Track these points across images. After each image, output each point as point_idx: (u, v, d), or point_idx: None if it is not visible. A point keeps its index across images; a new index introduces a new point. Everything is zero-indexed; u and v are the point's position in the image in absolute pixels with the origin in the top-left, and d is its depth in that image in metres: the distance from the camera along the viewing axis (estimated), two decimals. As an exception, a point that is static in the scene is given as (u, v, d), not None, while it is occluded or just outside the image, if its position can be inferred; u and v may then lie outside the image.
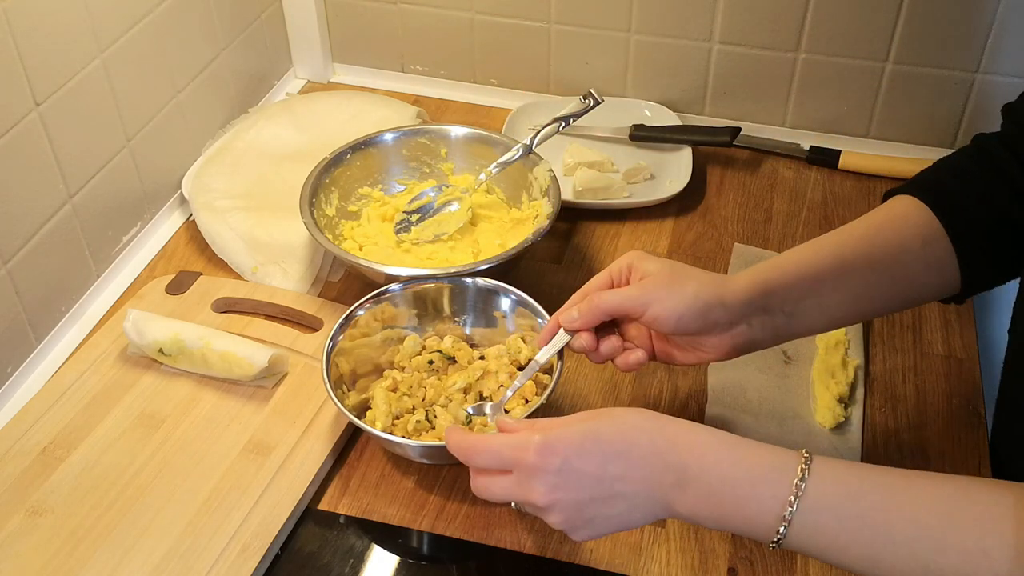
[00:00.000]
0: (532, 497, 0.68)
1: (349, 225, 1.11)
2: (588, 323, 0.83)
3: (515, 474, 0.69)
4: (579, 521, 0.69)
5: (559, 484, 0.68)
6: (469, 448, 0.72)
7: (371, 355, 0.94)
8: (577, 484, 0.68)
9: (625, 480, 0.68)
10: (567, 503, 0.68)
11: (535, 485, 0.68)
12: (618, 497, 0.68)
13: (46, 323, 1.02)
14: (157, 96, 1.14)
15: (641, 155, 1.26)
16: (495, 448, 0.70)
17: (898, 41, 1.21)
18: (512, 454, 0.69)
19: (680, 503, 0.68)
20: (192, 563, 0.80)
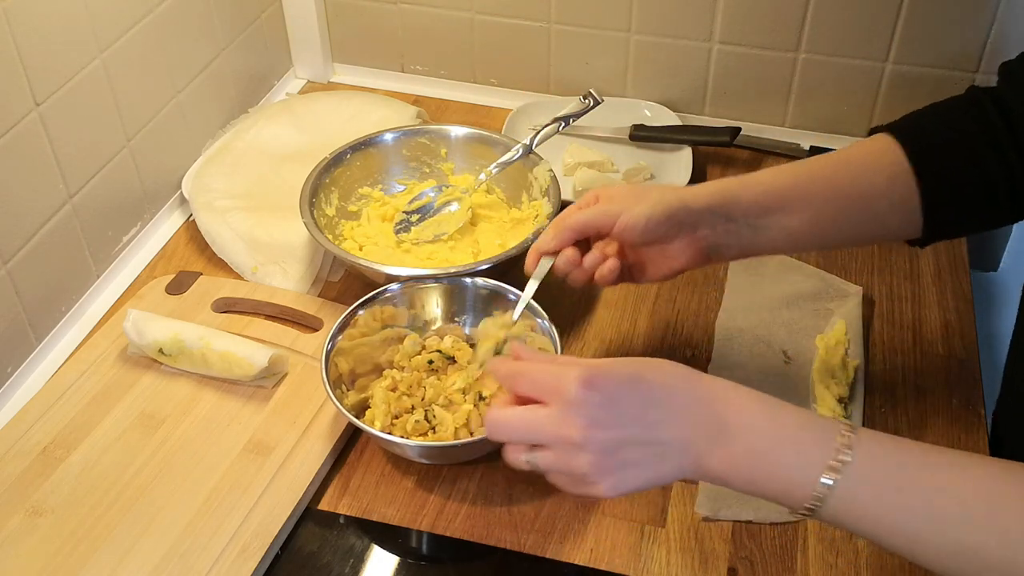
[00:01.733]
0: (567, 431, 0.65)
1: (349, 225, 1.11)
2: (563, 241, 0.85)
3: (553, 406, 0.66)
4: (609, 464, 0.66)
5: (598, 419, 0.65)
6: (514, 371, 0.70)
7: (371, 355, 0.95)
8: (617, 422, 0.66)
9: (664, 425, 0.66)
10: (603, 441, 0.65)
11: (573, 418, 0.65)
12: (653, 444, 0.66)
13: (46, 323, 1.02)
14: (157, 96, 1.14)
15: (641, 155, 1.26)
16: (538, 374, 0.68)
17: (898, 41, 1.21)
18: (555, 383, 0.67)
19: (713, 459, 0.66)
20: (192, 563, 0.80)
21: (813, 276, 1.09)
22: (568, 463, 0.66)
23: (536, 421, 0.67)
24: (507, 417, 0.68)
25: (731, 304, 1.06)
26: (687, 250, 0.84)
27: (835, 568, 0.82)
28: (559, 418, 0.66)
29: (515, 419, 0.68)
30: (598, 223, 0.84)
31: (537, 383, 0.68)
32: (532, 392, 0.68)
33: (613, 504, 0.87)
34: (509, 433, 0.68)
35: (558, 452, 0.66)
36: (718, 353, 1.01)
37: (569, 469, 0.67)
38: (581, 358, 0.71)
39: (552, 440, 0.66)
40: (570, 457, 0.66)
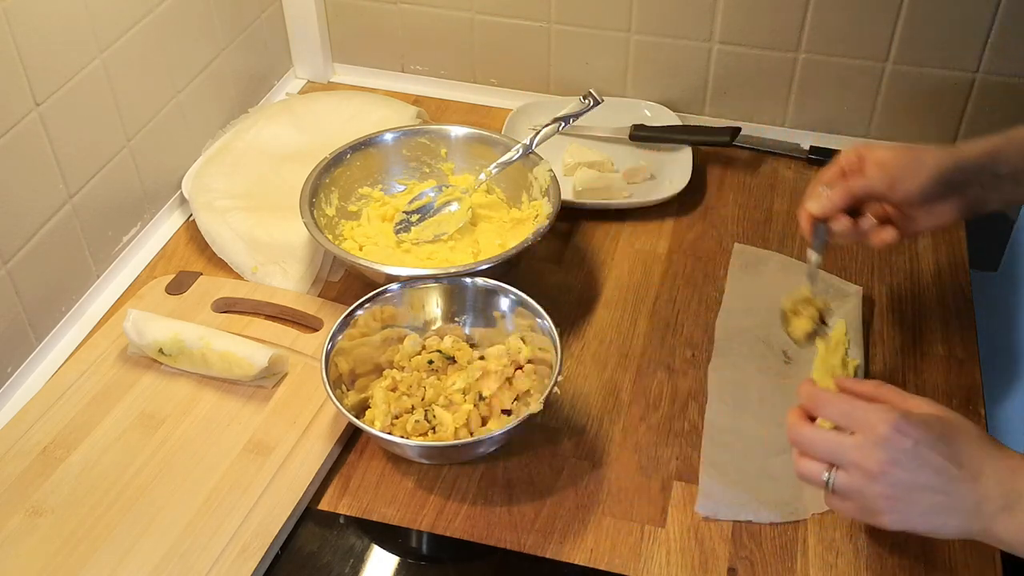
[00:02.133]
0: (867, 462, 0.71)
1: (349, 225, 1.11)
2: (837, 207, 0.89)
3: (859, 436, 0.72)
4: (900, 502, 0.71)
5: (901, 462, 0.70)
6: (821, 398, 0.76)
7: (371, 355, 0.94)
8: (918, 468, 0.70)
9: (961, 483, 0.71)
10: (899, 480, 0.70)
11: (877, 453, 0.70)
12: (948, 495, 0.71)
13: (46, 323, 1.02)
14: (157, 96, 1.14)
15: (641, 155, 1.26)
16: (849, 406, 0.74)
17: (898, 41, 1.21)
18: (866, 418, 0.72)
19: (1004, 526, 0.70)
20: (192, 563, 0.80)
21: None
22: (861, 490, 0.72)
23: (843, 445, 0.73)
24: (816, 433, 0.75)
25: (731, 304, 1.06)
26: (955, 206, 0.88)
27: (835, 568, 0.82)
28: (863, 448, 0.71)
29: (823, 437, 0.74)
30: (878, 190, 0.88)
31: (847, 413, 0.74)
32: (839, 419, 0.74)
33: (613, 504, 0.87)
34: (814, 447, 0.74)
35: (855, 477, 0.72)
36: (718, 353, 1.01)
37: (861, 496, 0.72)
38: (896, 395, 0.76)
39: (852, 465, 0.72)
40: (864, 485, 0.71)
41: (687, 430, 0.94)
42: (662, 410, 0.96)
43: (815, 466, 0.74)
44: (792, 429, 0.76)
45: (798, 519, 0.86)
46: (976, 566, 0.82)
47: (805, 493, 0.87)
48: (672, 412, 0.95)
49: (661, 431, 0.94)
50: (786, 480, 0.88)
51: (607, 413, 0.95)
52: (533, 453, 0.91)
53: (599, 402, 0.97)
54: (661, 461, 0.91)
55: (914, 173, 0.86)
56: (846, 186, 0.89)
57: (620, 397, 0.97)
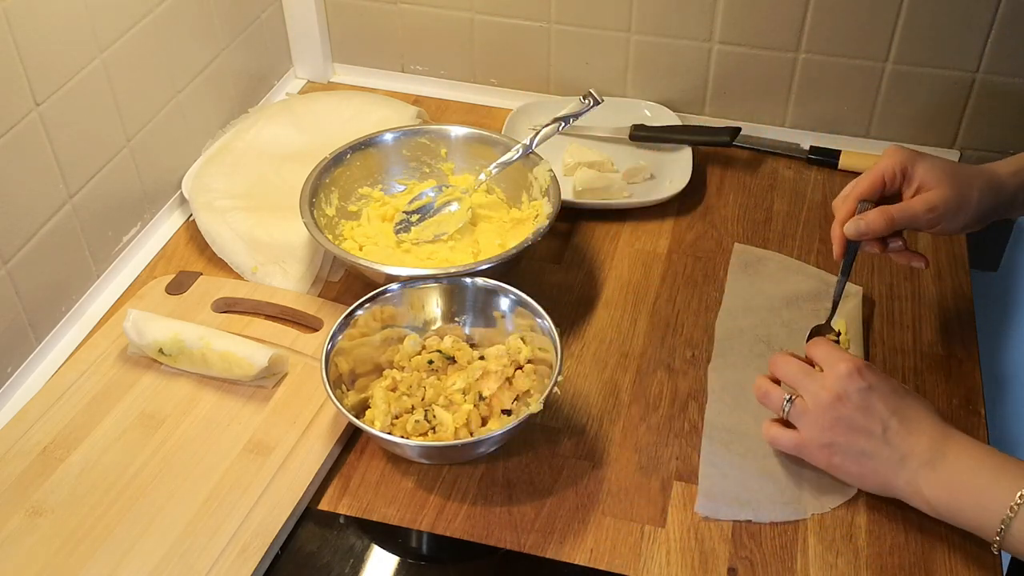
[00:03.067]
0: (824, 392, 0.81)
1: (349, 225, 1.11)
2: (877, 234, 0.90)
3: (825, 372, 0.82)
4: (839, 436, 0.81)
5: (852, 398, 0.80)
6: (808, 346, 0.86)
7: (371, 355, 0.94)
8: (865, 410, 0.80)
9: (899, 434, 0.79)
10: (844, 416, 0.80)
11: (835, 385, 0.81)
12: (882, 444, 0.79)
13: (46, 323, 1.02)
14: (157, 96, 1.14)
15: (641, 155, 1.26)
16: (827, 351, 0.84)
17: (898, 41, 1.21)
18: (837, 359, 0.82)
19: (926, 481, 0.78)
20: (192, 563, 0.80)
21: (813, 276, 1.09)
22: (810, 417, 0.82)
23: (808, 372, 0.84)
24: (789, 361, 0.85)
25: (731, 304, 1.06)
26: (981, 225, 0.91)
27: (835, 568, 0.82)
28: (824, 379, 0.82)
29: (794, 365, 0.85)
30: (919, 224, 0.89)
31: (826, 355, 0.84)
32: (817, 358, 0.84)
33: (613, 504, 0.87)
34: (785, 370, 0.85)
35: (808, 404, 0.82)
36: (718, 353, 1.01)
37: (807, 424, 0.82)
38: None
39: (809, 393, 0.82)
40: (814, 413, 0.82)
41: (687, 430, 0.94)
42: (662, 410, 0.96)
43: (778, 391, 0.85)
44: (775, 356, 0.87)
45: (798, 519, 0.86)
46: (976, 567, 0.82)
47: (805, 493, 0.87)
48: (672, 412, 0.95)
49: (661, 431, 0.94)
50: (786, 480, 0.88)
51: (607, 413, 0.95)
52: (533, 453, 0.91)
53: (599, 402, 0.97)
54: (661, 461, 0.91)
55: (961, 212, 0.89)
56: (888, 216, 0.88)
57: (620, 397, 0.97)
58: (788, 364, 0.85)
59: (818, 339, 0.87)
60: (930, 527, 0.84)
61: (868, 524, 0.85)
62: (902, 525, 0.85)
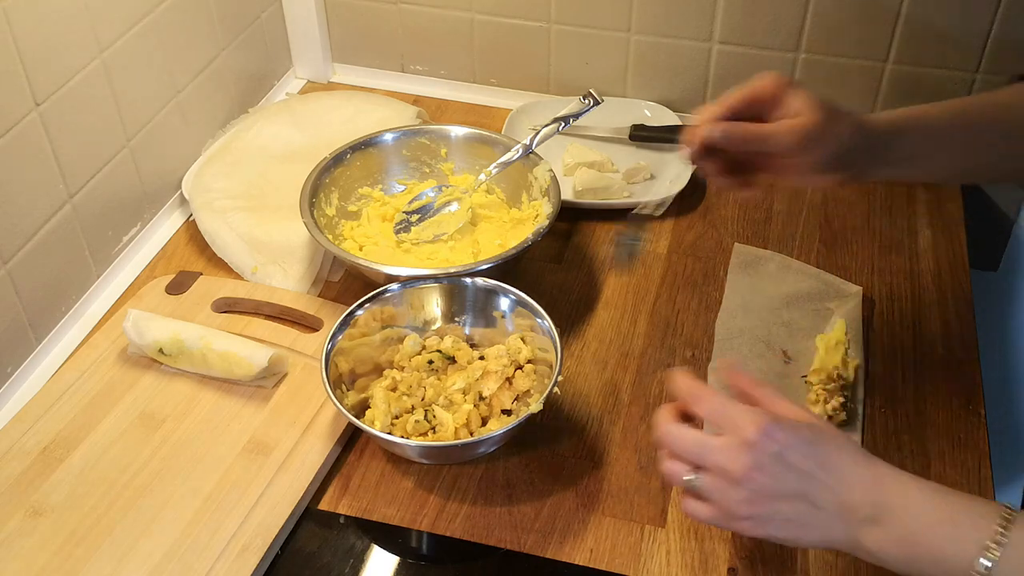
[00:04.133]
0: (732, 465, 0.69)
1: (349, 225, 1.11)
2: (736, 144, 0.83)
3: (726, 438, 0.70)
4: (761, 509, 0.69)
5: (765, 467, 0.69)
6: (697, 394, 0.73)
7: (371, 355, 0.94)
8: (781, 475, 0.69)
9: (826, 491, 0.69)
10: (761, 487, 0.69)
11: (742, 457, 0.69)
12: (810, 505, 0.69)
13: (46, 323, 1.02)
14: (157, 96, 1.14)
15: (641, 155, 1.26)
16: (721, 405, 0.72)
17: (898, 41, 1.21)
18: (735, 419, 0.70)
19: (870, 538, 0.68)
20: (192, 563, 0.80)
21: (813, 276, 1.09)
22: (724, 494, 0.70)
23: (708, 445, 0.71)
24: (684, 433, 0.72)
25: (731, 304, 1.06)
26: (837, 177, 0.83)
27: (835, 568, 0.82)
28: (729, 450, 0.69)
29: (690, 437, 0.72)
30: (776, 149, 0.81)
31: (718, 412, 0.72)
32: (710, 416, 0.72)
33: (613, 504, 0.87)
34: (681, 447, 0.72)
35: (718, 481, 0.70)
36: (718, 353, 1.01)
37: (723, 499, 0.70)
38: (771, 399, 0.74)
39: (716, 468, 0.70)
40: (727, 489, 0.70)
41: (687, 430, 0.93)
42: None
43: (679, 466, 0.72)
44: (659, 427, 0.74)
45: (798, 519, 0.86)
46: None
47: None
48: (672, 412, 0.95)
49: (661, 431, 0.93)
50: (786, 480, 0.88)
51: (607, 413, 0.95)
52: (533, 453, 0.91)
53: (599, 402, 0.97)
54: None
55: (823, 141, 0.80)
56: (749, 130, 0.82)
57: (620, 397, 0.97)
58: (682, 438, 0.72)
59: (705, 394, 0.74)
60: (930, 527, 0.84)
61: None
62: (902, 525, 0.85)
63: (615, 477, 0.89)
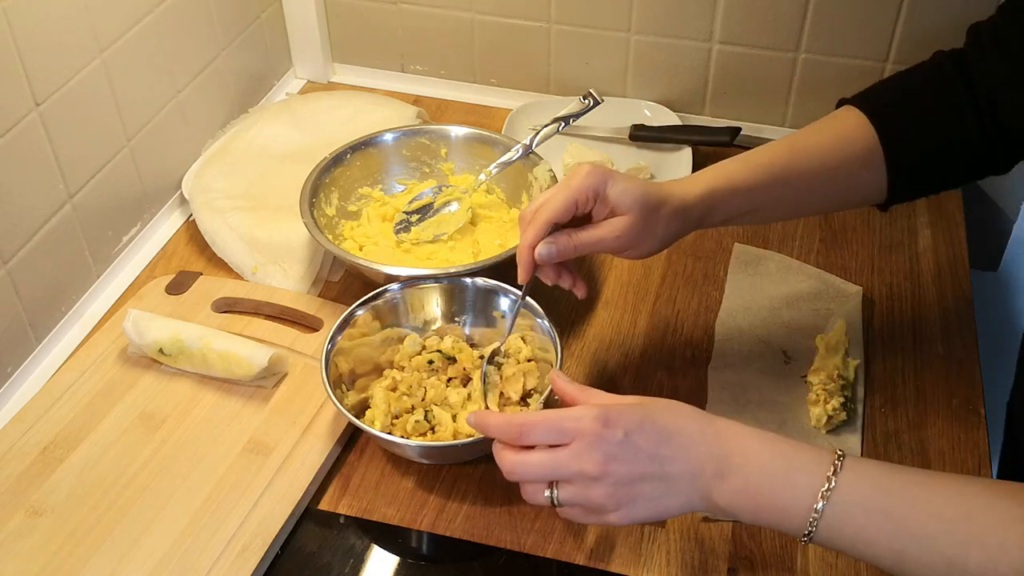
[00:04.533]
0: (586, 466, 0.70)
1: (349, 225, 1.11)
2: (566, 258, 0.85)
3: (574, 444, 0.71)
4: (624, 497, 0.71)
5: (616, 455, 0.70)
6: (524, 424, 0.73)
7: (371, 355, 0.94)
8: (633, 458, 0.70)
9: (675, 461, 0.71)
10: (619, 476, 0.70)
11: (592, 454, 0.70)
12: (665, 479, 0.71)
13: (46, 323, 1.02)
14: (157, 96, 1.14)
15: (641, 155, 1.26)
16: (554, 420, 0.72)
17: (897, 41, 1.21)
18: (574, 424, 0.71)
19: (719, 493, 0.70)
20: (192, 563, 0.80)
21: (813, 276, 1.09)
22: (587, 495, 0.71)
23: (558, 460, 0.72)
24: (530, 459, 0.73)
25: (731, 304, 1.06)
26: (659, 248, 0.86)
27: (835, 568, 0.82)
28: (579, 454, 0.71)
29: (538, 461, 0.72)
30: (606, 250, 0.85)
31: (556, 428, 0.72)
32: (551, 437, 0.72)
33: (613, 504, 0.87)
34: (534, 473, 0.73)
35: (578, 486, 0.71)
36: (718, 353, 1.01)
37: (587, 500, 0.71)
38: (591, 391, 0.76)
39: (573, 476, 0.71)
40: (588, 490, 0.71)
41: (687, 430, 0.93)
42: (662, 410, 0.95)
43: (536, 488, 0.73)
44: (502, 462, 0.74)
45: (798, 519, 0.86)
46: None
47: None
48: (672, 412, 0.95)
49: (661, 431, 0.93)
50: (786, 480, 0.88)
51: (607, 413, 0.95)
52: (533, 453, 0.91)
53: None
54: (661, 461, 0.91)
55: (647, 239, 0.84)
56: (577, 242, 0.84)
57: (620, 397, 0.97)
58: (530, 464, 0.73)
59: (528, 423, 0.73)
60: (930, 527, 0.84)
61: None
62: (902, 525, 0.85)
63: (615, 477, 0.89)
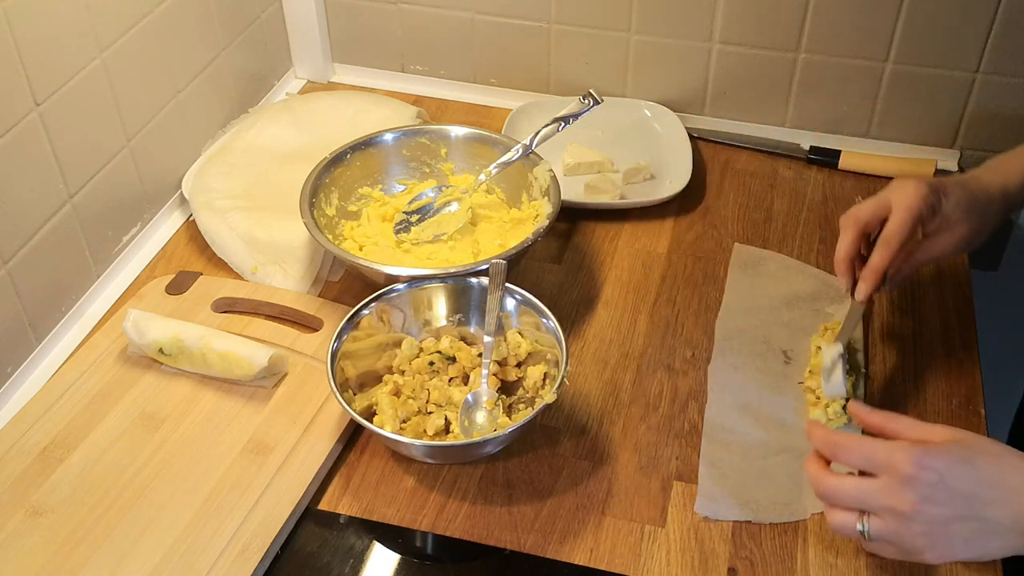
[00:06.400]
0: (899, 504, 0.70)
1: (349, 225, 1.11)
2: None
3: (884, 478, 0.71)
4: (940, 536, 0.70)
5: (931, 497, 0.69)
6: (839, 444, 0.74)
7: (370, 361, 0.94)
8: (949, 500, 0.69)
9: (995, 505, 0.69)
10: (934, 516, 0.69)
11: (906, 494, 0.69)
12: (985, 521, 0.70)
13: (46, 323, 1.02)
14: (157, 96, 1.14)
15: (641, 155, 1.26)
16: (868, 450, 0.72)
17: (898, 41, 1.21)
18: (888, 459, 0.71)
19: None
20: (192, 563, 0.80)
21: (813, 277, 1.09)
22: (898, 533, 0.71)
23: (870, 491, 0.71)
24: (841, 484, 0.73)
25: (731, 304, 1.06)
26: None
27: (835, 568, 0.82)
28: (891, 491, 0.70)
29: (849, 487, 0.73)
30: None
31: (867, 457, 0.72)
32: (861, 464, 0.73)
33: (613, 504, 0.87)
34: (843, 499, 0.73)
35: (887, 522, 0.71)
36: (718, 353, 1.01)
37: (899, 539, 0.71)
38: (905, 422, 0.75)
39: (883, 510, 0.71)
40: (900, 527, 0.71)
41: (687, 430, 0.94)
42: (662, 410, 0.96)
43: (847, 516, 0.73)
44: (817, 482, 0.75)
45: (798, 519, 0.86)
46: (976, 568, 0.82)
47: (805, 493, 0.87)
48: (672, 412, 0.95)
49: (661, 431, 0.94)
50: (786, 480, 0.88)
51: (607, 413, 0.95)
52: (533, 453, 0.91)
53: (599, 402, 0.97)
54: (661, 461, 0.91)
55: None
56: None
57: (620, 397, 0.97)
58: (843, 489, 0.73)
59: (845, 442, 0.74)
60: (930, 527, 0.84)
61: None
62: (902, 525, 0.85)
63: (615, 477, 0.89)
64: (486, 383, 0.91)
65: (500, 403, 0.90)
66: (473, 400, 0.90)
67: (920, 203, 0.88)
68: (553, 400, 0.85)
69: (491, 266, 0.94)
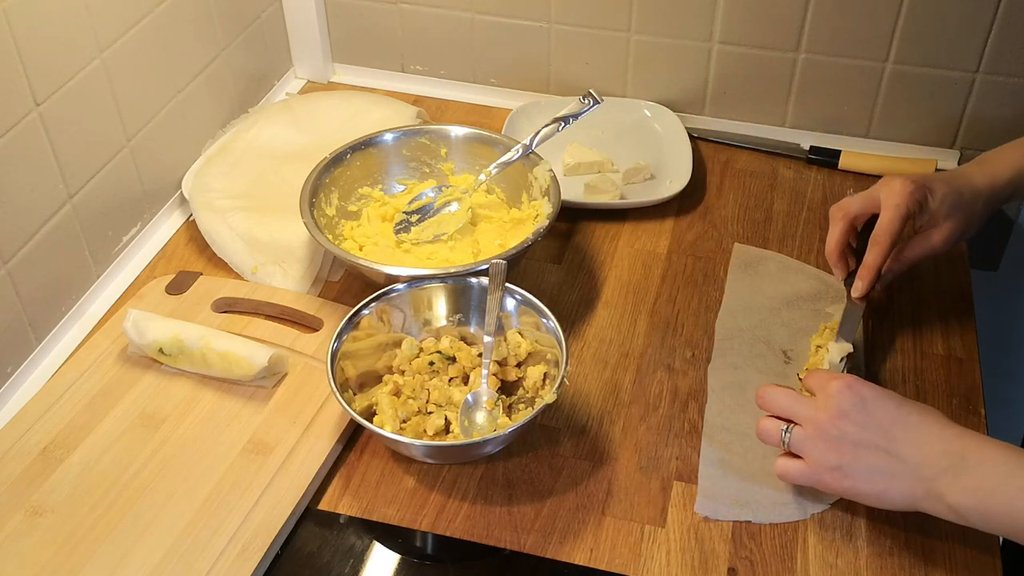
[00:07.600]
0: (819, 413, 0.78)
1: (349, 225, 1.11)
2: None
3: (817, 396, 0.79)
4: (848, 456, 0.77)
5: (849, 414, 0.77)
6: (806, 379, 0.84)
7: (370, 361, 0.94)
8: (865, 423, 0.76)
9: (908, 444, 0.75)
10: (847, 433, 0.77)
11: (828, 405, 0.78)
12: (893, 456, 0.75)
13: (46, 323, 1.02)
14: (157, 96, 1.14)
15: (641, 155, 1.26)
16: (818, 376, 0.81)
17: (898, 41, 1.21)
18: (825, 376, 0.81)
19: (950, 490, 0.73)
20: (192, 563, 0.80)
21: (813, 277, 1.09)
22: (814, 443, 0.78)
23: (800, 400, 0.81)
24: (778, 392, 0.82)
25: (731, 304, 1.06)
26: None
27: (835, 568, 0.82)
28: (817, 403, 0.79)
29: (783, 395, 0.82)
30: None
31: (812, 379, 0.82)
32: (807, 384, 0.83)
33: (613, 504, 0.87)
34: (775, 405, 0.82)
35: (808, 431, 0.79)
36: (718, 353, 1.01)
37: (812, 450, 0.78)
38: None
39: (806, 419, 0.79)
40: (816, 437, 0.78)
41: (687, 430, 0.94)
42: (662, 410, 0.96)
43: (775, 423, 0.81)
44: (760, 392, 0.83)
45: (798, 519, 0.86)
46: (976, 567, 0.82)
47: (805, 493, 0.87)
48: (672, 412, 0.95)
49: (661, 431, 0.94)
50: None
51: (607, 413, 0.95)
52: (533, 453, 0.91)
53: (599, 402, 0.97)
54: (661, 461, 0.91)
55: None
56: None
57: (620, 397, 0.97)
58: (776, 395, 0.82)
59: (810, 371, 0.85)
60: (930, 527, 0.84)
61: (868, 524, 0.85)
62: (902, 525, 0.85)
63: (615, 477, 0.89)
64: (486, 383, 0.91)
65: (500, 403, 0.90)
66: (473, 400, 0.90)
67: (908, 200, 0.91)
68: (553, 400, 0.85)
69: (491, 266, 0.94)
